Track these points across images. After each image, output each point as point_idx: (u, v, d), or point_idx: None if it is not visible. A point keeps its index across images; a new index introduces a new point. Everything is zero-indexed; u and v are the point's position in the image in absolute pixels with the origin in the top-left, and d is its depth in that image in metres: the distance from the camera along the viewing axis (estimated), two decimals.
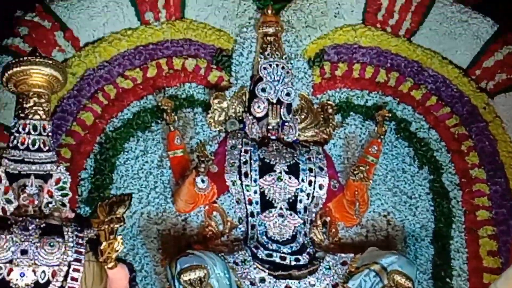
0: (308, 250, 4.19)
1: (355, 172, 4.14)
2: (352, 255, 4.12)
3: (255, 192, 4.22)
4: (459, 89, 4.58)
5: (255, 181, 4.22)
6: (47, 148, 3.63)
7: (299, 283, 4.00)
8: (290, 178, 4.23)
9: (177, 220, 4.34)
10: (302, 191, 4.24)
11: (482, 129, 4.47)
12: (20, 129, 3.63)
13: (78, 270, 3.46)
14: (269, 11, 4.53)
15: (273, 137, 4.38)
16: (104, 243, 3.25)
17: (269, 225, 4.20)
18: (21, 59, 3.70)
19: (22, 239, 3.42)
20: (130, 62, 4.50)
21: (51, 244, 3.44)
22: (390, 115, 4.51)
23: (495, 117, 4.48)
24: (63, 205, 3.62)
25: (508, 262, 3.74)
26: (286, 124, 4.40)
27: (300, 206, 4.24)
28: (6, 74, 3.67)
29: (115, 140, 4.36)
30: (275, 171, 4.23)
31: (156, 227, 4.31)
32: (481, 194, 4.36)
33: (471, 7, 4.66)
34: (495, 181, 4.36)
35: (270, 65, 4.42)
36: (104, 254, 3.28)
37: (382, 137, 4.43)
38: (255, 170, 4.24)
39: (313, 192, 4.27)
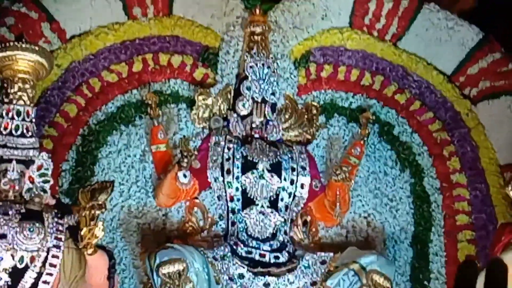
0: (287, 249, 4.20)
1: (337, 172, 4.15)
2: (331, 254, 4.12)
3: (237, 189, 4.23)
4: (442, 95, 4.61)
5: (237, 178, 4.23)
6: (30, 134, 3.65)
7: (277, 280, 4.00)
8: (272, 176, 4.24)
9: (157, 215, 4.34)
10: (283, 189, 4.25)
11: (464, 135, 4.50)
12: (4, 114, 3.64)
13: (57, 257, 3.46)
14: (257, 11, 4.54)
15: (257, 136, 4.38)
16: (84, 229, 3.25)
17: (250, 222, 4.20)
18: (7, 44, 3.71)
19: (2, 223, 3.42)
20: (116, 56, 4.50)
21: (31, 229, 3.44)
22: (373, 118, 4.54)
23: (478, 124, 4.51)
24: (44, 191, 3.62)
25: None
26: (270, 123, 4.41)
27: (281, 205, 4.25)
28: None
29: (98, 133, 4.36)
30: (257, 168, 4.25)
31: (136, 220, 4.31)
32: (461, 199, 4.39)
33: (458, 14, 4.69)
34: (475, 186, 4.39)
35: (256, 64, 4.43)
36: (84, 240, 3.27)
37: (365, 139, 4.46)
38: (238, 167, 4.25)
39: (294, 191, 4.28)
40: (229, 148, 4.30)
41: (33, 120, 3.68)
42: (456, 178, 4.42)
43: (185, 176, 4.14)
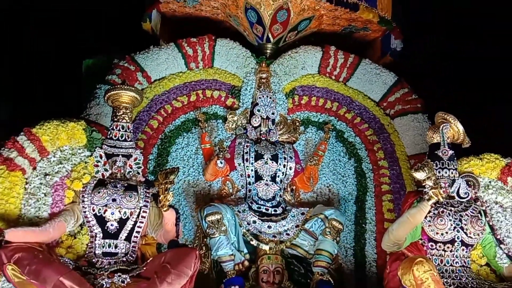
0: (282, 205, 4.17)
1: (311, 160, 4.22)
2: (307, 208, 4.11)
3: (252, 170, 4.19)
4: (373, 114, 4.52)
5: (251, 163, 4.19)
6: (129, 139, 3.68)
7: (276, 224, 3.98)
8: (272, 162, 4.21)
9: (205, 185, 4.31)
10: (279, 170, 4.21)
11: (386, 137, 4.41)
12: (114, 128, 3.66)
13: (145, 212, 3.50)
14: (263, 65, 4.50)
15: (263, 138, 4.34)
16: (161, 196, 3.27)
17: (259, 190, 4.17)
18: (116, 86, 3.72)
19: (113, 192, 3.45)
20: (181, 91, 4.44)
21: (130, 196, 3.48)
22: (332, 127, 4.48)
23: (394, 131, 4.42)
24: (138, 173, 3.64)
25: (399, 216, 3.70)
26: (271, 131, 4.37)
27: (278, 179, 4.21)
28: (107, 95, 3.68)
29: (170, 138, 4.32)
30: (264, 158, 4.21)
31: (193, 189, 4.29)
32: (384, 175, 4.30)
33: (382, 66, 4.61)
34: (393, 168, 4.30)
35: (263, 96, 4.39)
36: (161, 203, 3.28)
37: (327, 140, 4.39)
38: (252, 157, 4.21)
39: (286, 171, 4.23)
40: (247, 146, 4.26)
41: (131, 131, 3.69)
42: (381, 163, 4.34)
43: (221, 163, 4.14)
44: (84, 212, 3.39)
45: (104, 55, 4.66)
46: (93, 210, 3.38)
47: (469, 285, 3.41)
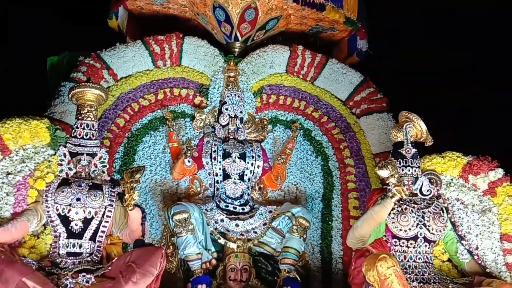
0: (249, 203, 4.19)
1: (279, 158, 4.25)
2: (275, 206, 4.12)
3: (219, 168, 4.19)
4: (340, 113, 4.58)
5: (219, 162, 4.19)
6: (94, 138, 3.64)
7: (243, 222, 4.00)
8: (240, 161, 4.22)
9: (172, 184, 4.30)
10: (247, 169, 4.23)
11: (352, 136, 4.47)
12: (78, 126, 3.61)
13: (110, 211, 3.46)
14: (232, 63, 4.51)
15: (231, 137, 4.35)
16: (127, 195, 3.24)
17: (227, 188, 4.17)
18: (81, 84, 3.68)
19: (77, 191, 3.41)
20: (148, 89, 4.42)
21: (95, 195, 3.43)
22: (300, 126, 4.51)
23: (360, 130, 4.48)
24: (103, 172, 3.60)
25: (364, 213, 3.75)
26: (239, 129, 4.38)
27: (246, 178, 4.22)
28: (71, 93, 3.63)
29: (136, 136, 4.29)
30: (232, 156, 4.21)
31: (160, 188, 4.27)
32: (350, 173, 4.35)
33: (348, 65, 4.67)
34: (358, 166, 4.36)
35: (231, 94, 4.40)
36: (127, 202, 3.25)
37: (295, 139, 4.42)
38: (220, 156, 4.21)
39: (253, 170, 4.25)
40: (215, 145, 4.26)
41: (96, 129, 3.64)
42: (347, 161, 4.39)
43: (189, 161, 4.11)
44: (48, 211, 3.34)
45: (69, 52, 4.59)
46: (57, 210, 3.33)
47: (432, 281, 3.46)
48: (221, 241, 3.90)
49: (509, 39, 5.73)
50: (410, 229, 3.54)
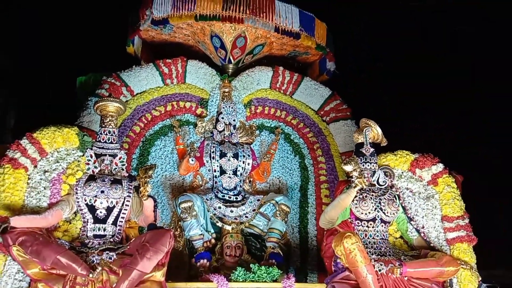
0: (242, 194, 4.20)
1: (265, 157, 4.28)
2: (262, 196, 4.15)
3: (217, 166, 4.20)
4: (313, 120, 4.57)
5: (217, 160, 4.20)
6: (115, 142, 3.62)
7: (237, 209, 4.01)
8: (234, 159, 4.22)
9: (179, 178, 4.29)
10: (239, 166, 4.23)
11: (323, 138, 4.48)
12: (102, 132, 3.60)
13: (129, 201, 3.45)
14: (226, 81, 4.49)
15: (226, 140, 4.33)
16: (142, 188, 3.23)
17: (224, 181, 4.17)
18: (103, 98, 3.67)
19: (101, 185, 3.40)
20: (158, 103, 4.40)
21: (116, 188, 3.43)
22: (282, 131, 4.51)
23: (329, 134, 4.48)
24: (122, 169, 3.58)
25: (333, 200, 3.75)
26: (233, 134, 4.37)
27: (238, 173, 4.23)
28: (96, 105, 3.63)
29: (150, 140, 4.27)
30: (227, 156, 4.21)
31: (169, 182, 4.26)
32: (322, 168, 4.36)
33: (320, 82, 4.68)
34: (328, 162, 4.36)
35: (226, 106, 4.39)
36: (142, 193, 3.25)
37: (277, 141, 4.42)
38: (217, 156, 4.21)
39: (245, 166, 4.25)
40: (213, 147, 4.26)
41: (117, 135, 3.63)
42: (320, 159, 4.40)
43: (192, 160, 4.11)
44: (78, 202, 3.33)
45: (94, 73, 4.58)
46: (85, 200, 3.32)
47: (387, 254, 3.48)
48: (219, 224, 3.91)
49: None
50: (369, 213, 3.57)
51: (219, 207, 3.96)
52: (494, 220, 5.40)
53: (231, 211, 3.97)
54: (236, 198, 4.11)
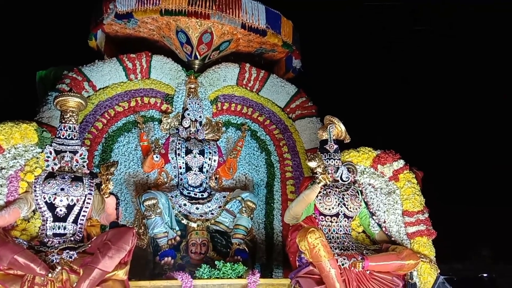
0: (207, 190, 4.20)
1: (231, 154, 4.29)
2: (228, 192, 4.16)
3: (183, 162, 4.18)
4: (279, 117, 4.61)
5: (183, 157, 4.18)
6: (75, 138, 3.53)
7: (203, 206, 4.01)
8: (200, 156, 4.21)
9: (143, 176, 4.25)
10: (205, 162, 4.23)
11: (289, 135, 4.52)
12: (62, 128, 3.51)
13: (90, 198, 3.38)
14: (192, 77, 4.46)
15: (192, 137, 4.31)
16: (103, 185, 3.18)
17: (189, 178, 4.16)
18: (64, 93, 3.58)
19: (61, 183, 3.32)
20: (122, 98, 4.33)
21: (76, 185, 3.36)
22: (248, 128, 4.54)
23: (295, 130, 4.52)
24: (83, 166, 3.51)
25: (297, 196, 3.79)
26: (199, 131, 4.36)
27: (204, 170, 4.22)
28: (56, 100, 3.54)
29: (113, 137, 4.21)
30: (193, 152, 4.20)
31: (133, 179, 4.22)
32: (288, 165, 4.41)
33: (286, 79, 4.73)
34: (294, 159, 4.42)
35: (192, 102, 4.36)
36: (103, 190, 3.19)
37: (244, 138, 4.45)
38: (183, 152, 4.19)
39: (211, 163, 4.25)
40: (179, 143, 4.23)
41: (77, 131, 3.55)
42: (286, 156, 4.44)
43: (157, 157, 4.07)
44: (36, 199, 3.24)
45: (54, 67, 4.45)
46: (44, 198, 3.24)
47: (350, 248, 3.56)
48: (184, 221, 3.90)
49: None
50: (333, 208, 3.63)
51: (185, 204, 3.95)
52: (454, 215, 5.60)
53: (197, 208, 3.96)
54: (202, 195, 4.10)
